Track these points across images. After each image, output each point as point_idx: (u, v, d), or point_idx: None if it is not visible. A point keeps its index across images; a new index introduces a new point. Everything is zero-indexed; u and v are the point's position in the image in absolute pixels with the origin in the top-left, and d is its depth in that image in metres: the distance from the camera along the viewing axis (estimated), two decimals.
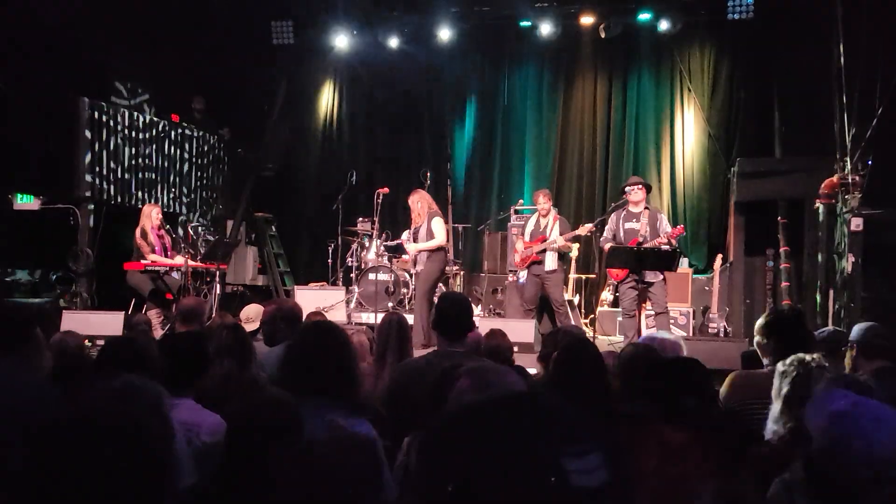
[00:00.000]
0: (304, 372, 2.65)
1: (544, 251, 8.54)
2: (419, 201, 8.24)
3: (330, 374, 2.64)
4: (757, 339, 3.72)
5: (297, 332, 3.01)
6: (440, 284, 8.70)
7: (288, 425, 2.08)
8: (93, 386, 2.35)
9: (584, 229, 8.47)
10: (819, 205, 9.01)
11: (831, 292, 8.77)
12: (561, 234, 8.52)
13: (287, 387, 2.64)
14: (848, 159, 8.65)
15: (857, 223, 8.57)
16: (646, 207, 7.91)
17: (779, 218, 9.85)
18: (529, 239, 8.74)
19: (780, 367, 2.73)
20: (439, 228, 8.08)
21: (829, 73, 8.78)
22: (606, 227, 8.10)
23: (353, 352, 2.79)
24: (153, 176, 10.36)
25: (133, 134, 10.04)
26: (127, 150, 9.93)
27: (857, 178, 8.67)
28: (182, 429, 2.57)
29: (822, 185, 8.93)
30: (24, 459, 1.28)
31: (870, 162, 8.76)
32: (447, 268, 9.88)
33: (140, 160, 10.15)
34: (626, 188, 8.03)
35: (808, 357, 2.61)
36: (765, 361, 3.65)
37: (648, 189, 8.16)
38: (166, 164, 10.60)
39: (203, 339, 3.16)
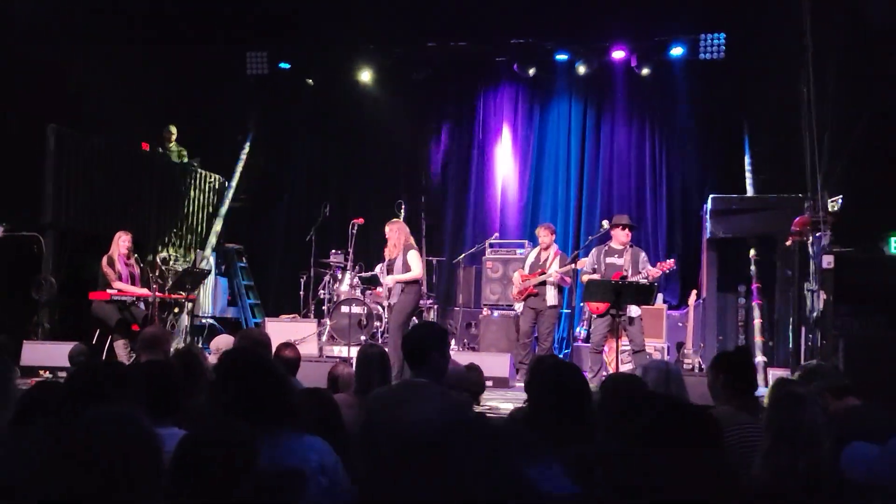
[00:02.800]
0: (236, 401, 2.49)
1: (542, 284, 8.47)
2: (397, 232, 8.15)
3: (264, 398, 2.49)
4: (707, 380, 3.69)
5: (217, 364, 2.87)
6: (414, 318, 8.59)
7: (238, 452, 1.96)
8: (69, 418, 2.19)
9: (581, 263, 8.38)
10: (791, 242, 9.08)
11: (803, 329, 8.80)
12: (559, 268, 8.48)
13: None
14: (819, 197, 8.74)
15: (828, 260, 8.63)
16: (629, 245, 7.94)
17: (751, 255, 9.90)
18: (528, 272, 8.68)
19: (767, 394, 2.68)
20: (415, 261, 8.00)
21: (799, 112, 8.91)
22: (587, 262, 8.08)
23: (275, 369, 2.64)
24: (121, 204, 10.15)
25: (101, 161, 9.85)
26: (94, 177, 9.73)
27: (827, 216, 8.76)
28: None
29: (794, 223, 9.00)
30: None
31: (840, 200, 8.88)
32: (421, 301, 9.79)
33: (108, 188, 9.94)
34: (612, 230, 8.04)
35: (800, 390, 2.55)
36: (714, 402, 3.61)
37: (633, 229, 8.21)
38: (135, 193, 10.40)
39: (172, 368, 3.01)
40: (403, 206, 10.16)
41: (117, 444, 1.24)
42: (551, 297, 8.42)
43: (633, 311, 7.51)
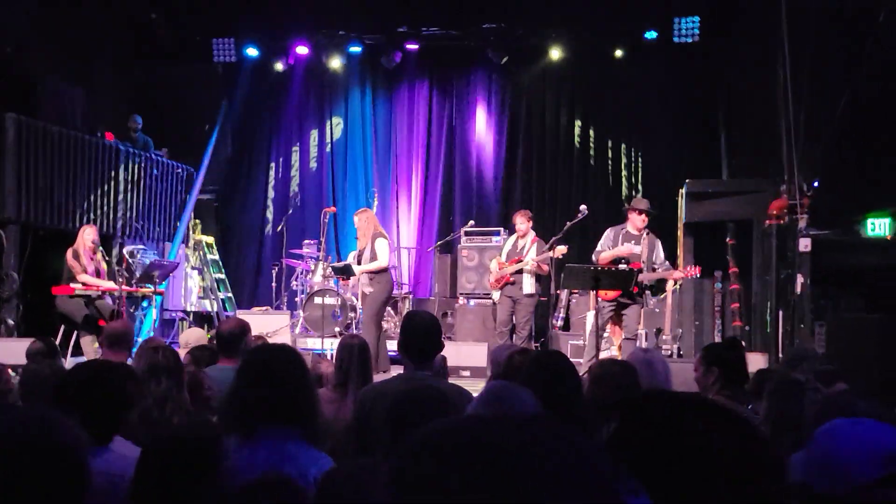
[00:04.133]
0: (258, 397, 2.36)
1: (519, 272, 8.32)
2: (365, 221, 8.03)
3: (287, 399, 2.36)
4: (696, 375, 3.60)
5: (247, 353, 2.70)
6: (388, 308, 8.44)
7: (201, 460, 1.81)
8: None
9: (558, 251, 8.20)
10: (768, 226, 9.05)
11: (780, 313, 8.78)
12: (537, 256, 8.32)
13: (236, 414, 2.37)
14: (795, 181, 8.71)
15: (805, 244, 8.62)
16: (647, 231, 7.65)
17: (727, 239, 9.86)
18: (506, 259, 8.51)
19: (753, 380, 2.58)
20: (383, 250, 7.89)
21: (775, 95, 8.86)
22: (601, 243, 7.72)
23: (310, 375, 2.51)
24: (86, 197, 9.83)
25: (63, 153, 9.52)
26: (57, 169, 9.40)
27: (804, 199, 8.73)
28: (105, 480, 2.20)
29: (771, 207, 8.97)
30: None
31: (816, 184, 8.85)
32: (394, 291, 9.63)
33: (71, 180, 9.62)
34: (630, 213, 7.66)
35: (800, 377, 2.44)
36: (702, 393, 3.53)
37: (651, 216, 7.77)
38: (100, 185, 10.08)
39: (125, 374, 2.73)
40: (376, 195, 9.97)
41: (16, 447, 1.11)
42: (528, 285, 8.27)
43: (650, 300, 7.43)
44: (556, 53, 11.13)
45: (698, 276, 7.99)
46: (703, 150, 10.95)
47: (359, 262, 8.15)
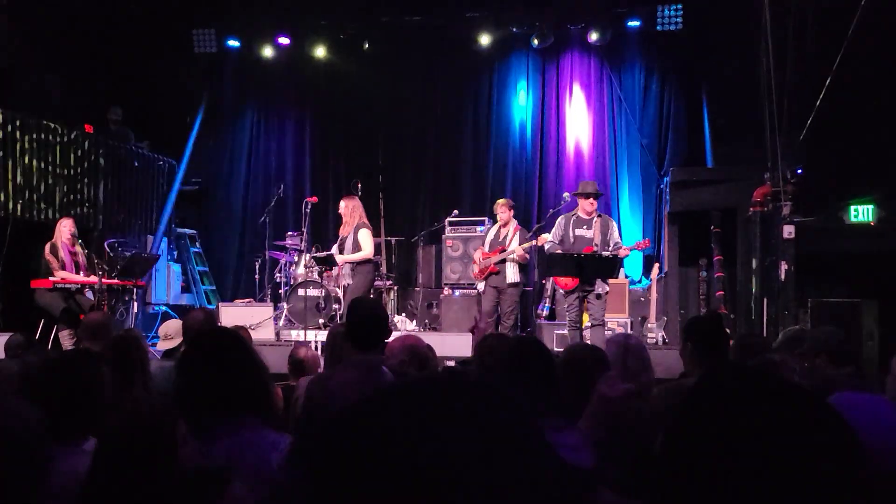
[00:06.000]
0: (203, 389, 2.22)
1: (503, 262, 8.27)
2: (351, 209, 7.97)
3: (235, 386, 2.23)
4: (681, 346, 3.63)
5: (186, 344, 2.60)
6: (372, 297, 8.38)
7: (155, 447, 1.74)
8: None
9: (542, 240, 8.15)
10: (752, 213, 9.04)
11: (765, 300, 8.79)
12: (520, 245, 8.26)
13: (185, 409, 2.22)
14: (779, 168, 8.71)
15: (789, 231, 8.63)
16: (598, 214, 7.63)
17: (712, 227, 9.86)
18: (489, 249, 8.45)
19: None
20: (366, 240, 7.85)
21: (758, 82, 8.85)
22: (552, 232, 7.69)
23: (256, 356, 2.39)
24: (65, 189, 9.72)
25: (42, 145, 9.40)
26: (35, 161, 9.28)
27: (788, 186, 8.74)
28: (73, 480, 2.09)
29: (755, 194, 8.97)
30: None
31: (799, 170, 8.86)
32: (378, 282, 9.57)
33: (50, 172, 9.50)
34: (582, 199, 7.60)
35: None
36: (685, 369, 3.54)
37: (598, 197, 7.78)
38: (80, 177, 9.96)
39: (92, 363, 2.62)
40: (359, 185, 9.90)
41: None
42: (512, 274, 8.22)
43: (602, 287, 7.30)
44: (537, 42, 11.06)
45: (648, 248, 7.95)
46: (688, 138, 10.95)
47: (341, 251, 8.09)
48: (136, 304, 8.79)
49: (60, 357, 2.83)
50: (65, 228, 8.07)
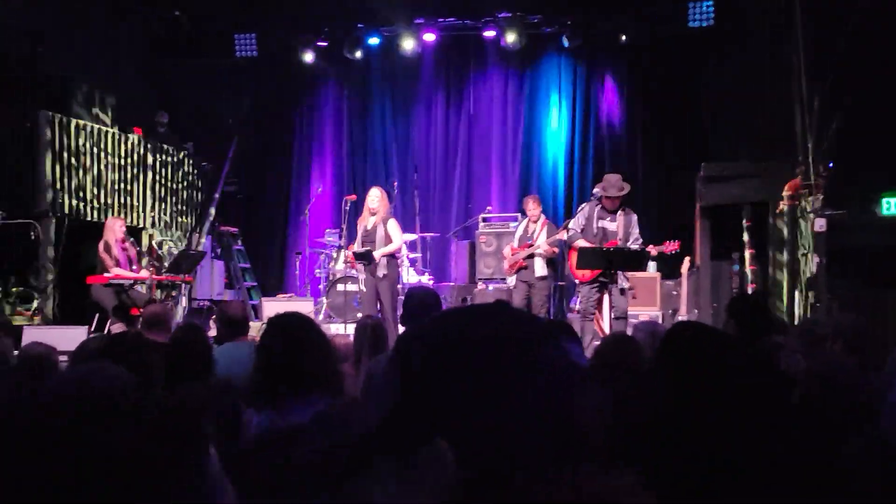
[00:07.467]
0: (280, 366, 2.50)
1: (531, 257, 8.50)
2: (384, 200, 8.22)
3: (309, 364, 2.50)
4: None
5: (267, 327, 2.89)
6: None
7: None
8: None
9: (564, 234, 8.34)
10: (783, 207, 9.13)
11: (797, 293, 8.87)
12: (547, 239, 8.49)
13: (264, 387, 2.51)
14: (810, 161, 8.78)
15: (820, 224, 8.69)
16: (622, 208, 7.71)
17: (744, 221, 9.94)
18: (518, 245, 8.71)
19: None
20: (397, 232, 8.10)
21: (789, 76, 8.92)
22: (574, 220, 7.81)
23: (326, 338, 2.68)
24: (117, 189, 10.19)
25: (95, 147, 9.88)
26: (89, 163, 9.76)
27: (819, 179, 8.81)
28: None
29: (786, 187, 9.05)
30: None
31: (831, 164, 8.91)
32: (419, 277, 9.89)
33: (103, 174, 9.97)
34: (610, 194, 7.61)
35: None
36: None
37: (623, 190, 7.77)
38: (130, 178, 10.43)
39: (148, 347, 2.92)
40: (396, 183, 10.19)
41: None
42: (540, 268, 8.45)
43: (623, 282, 7.42)
44: (568, 41, 11.24)
45: (677, 250, 7.98)
46: (720, 132, 11.02)
47: (365, 243, 8.23)
48: (183, 298, 9.18)
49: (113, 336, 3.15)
50: (117, 227, 8.47)
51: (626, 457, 0.92)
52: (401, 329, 7.92)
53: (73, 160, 9.51)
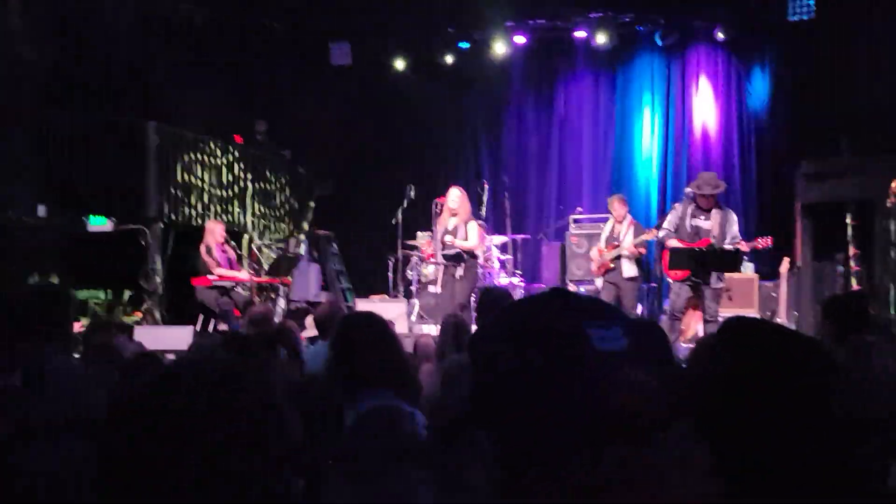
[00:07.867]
0: (352, 363, 2.66)
1: (618, 258, 8.44)
2: (464, 200, 8.32)
3: (377, 362, 2.64)
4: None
5: (336, 328, 3.02)
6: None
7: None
8: None
9: (652, 234, 8.23)
10: (890, 204, 8.73)
11: None
12: (634, 239, 8.41)
13: (336, 381, 2.68)
14: None
15: None
16: (718, 205, 7.54)
17: (848, 220, 9.55)
18: (604, 245, 8.67)
19: None
20: (474, 233, 8.16)
21: (893, 69, 8.55)
22: (668, 219, 7.66)
23: (394, 336, 2.80)
24: (219, 195, 10.65)
25: (198, 155, 10.36)
26: (193, 170, 10.24)
27: None
28: None
29: (893, 184, 8.66)
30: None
31: None
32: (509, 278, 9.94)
33: (205, 180, 10.45)
34: (703, 192, 7.43)
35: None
36: None
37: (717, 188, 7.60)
38: (231, 184, 10.90)
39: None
40: (486, 185, 10.27)
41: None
42: (627, 268, 8.36)
43: (716, 282, 7.26)
44: (661, 40, 11.07)
45: (770, 245, 7.70)
46: (821, 128, 10.61)
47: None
48: (281, 300, 9.51)
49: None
50: (217, 231, 8.86)
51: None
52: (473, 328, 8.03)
53: (177, 167, 10.00)
